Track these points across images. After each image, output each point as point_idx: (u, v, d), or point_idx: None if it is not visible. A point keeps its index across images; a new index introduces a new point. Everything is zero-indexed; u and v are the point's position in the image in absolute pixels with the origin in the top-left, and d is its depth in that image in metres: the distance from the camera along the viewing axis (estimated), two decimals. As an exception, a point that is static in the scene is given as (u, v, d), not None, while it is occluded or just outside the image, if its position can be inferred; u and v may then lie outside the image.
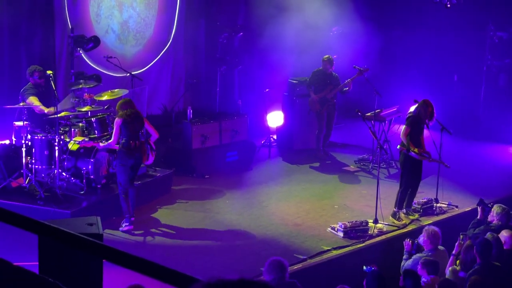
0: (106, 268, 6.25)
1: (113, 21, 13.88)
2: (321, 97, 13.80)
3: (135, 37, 14.33)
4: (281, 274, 7.19)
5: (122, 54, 13.77)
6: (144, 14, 14.42)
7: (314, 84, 13.89)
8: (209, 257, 9.40)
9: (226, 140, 13.26)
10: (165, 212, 10.95)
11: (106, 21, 13.74)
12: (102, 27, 13.64)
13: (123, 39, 14.14)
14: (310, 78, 14.03)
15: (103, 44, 12.94)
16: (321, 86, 13.83)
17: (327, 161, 13.87)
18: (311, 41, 14.77)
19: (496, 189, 12.36)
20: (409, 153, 10.50)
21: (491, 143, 15.28)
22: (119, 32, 14.05)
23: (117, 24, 13.99)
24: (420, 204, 11.04)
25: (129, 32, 14.21)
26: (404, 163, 10.68)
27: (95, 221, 6.72)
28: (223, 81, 15.18)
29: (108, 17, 13.76)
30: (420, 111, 10.52)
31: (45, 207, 9.91)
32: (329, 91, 13.79)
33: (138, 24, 14.35)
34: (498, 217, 9.38)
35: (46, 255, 6.05)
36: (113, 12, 13.88)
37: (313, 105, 13.87)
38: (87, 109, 10.91)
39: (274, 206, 11.32)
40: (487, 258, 8.01)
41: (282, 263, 7.26)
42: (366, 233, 10.12)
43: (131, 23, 14.20)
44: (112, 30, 13.91)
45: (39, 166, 10.30)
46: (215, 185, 12.25)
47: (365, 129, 10.93)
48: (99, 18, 13.58)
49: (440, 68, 17.04)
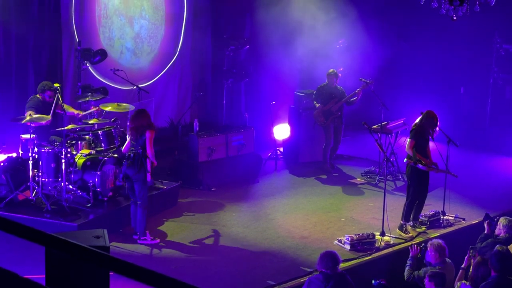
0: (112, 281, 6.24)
1: (125, 39, 14.02)
2: (326, 109, 13.80)
3: (149, 43, 14.46)
4: (333, 265, 7.88)
5: (139, 68, 13.99)
6: (154, 18, 14.49)
7: (319, 99, 13.89)
8: (215, 269, 9.38)
9: (232, 153, 13.27)
10: (171, 225, 10.94)
11: (120, 42, 13.88)
12: (116, 49, 13.81)
13: (138, 52, 14.28)
14: (316, 94, 14.03)
15: (119, 65, 13.05)
16: (326, 100, 13.84)
17: (334, 174, 13.85)
18: (317, 54, 14.80)
19: (502, 201, 12.33)
20: (416, 165, 10.49)
21: (497, 156, 15.25)
22: (134, 47, 14.19)
23: (130, 40, 14.12)
24: (427, 217, 11.01)
25: (143, 42, 14.35)
26: (411, 176, 10.67)
27: (101, 234, 6.72)
28: (230, 94, 15.21)
29: (120, 37, 13.89)
30: (424, 122, 10.52)
31: (52, 219, 9.91)
32: (334, 104, 13.80)
33: (150, 30, 14.49)
34: (505, 229, 9.34)
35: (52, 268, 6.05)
36: (125, 30, 13.99)
37: (317, 118, 13.88)
38: (93, 121, 10.94)
39: (281, 219, 11.30)
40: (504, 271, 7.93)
41: (335, 255, 8.00)
42: (373, 245, 10.10)
43: (143, 33, 14.33)
44: (127, 48, 14.06)
45: (45, 179, 10.31)
46: (221, 198, 12.24)
47: (372, 141, 10.93)
48: (112, 42, 13.72)
49: (447, 80, 17.05)
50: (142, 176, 9.94)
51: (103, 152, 10.82)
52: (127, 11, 13.98)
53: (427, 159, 10.54)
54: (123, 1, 13.86)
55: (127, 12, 13.98)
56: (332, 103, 13.81)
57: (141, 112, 10.07)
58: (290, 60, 14.91)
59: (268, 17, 14.86)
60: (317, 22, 14.84)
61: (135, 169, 9.89)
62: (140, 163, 9.89)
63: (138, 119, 9.95)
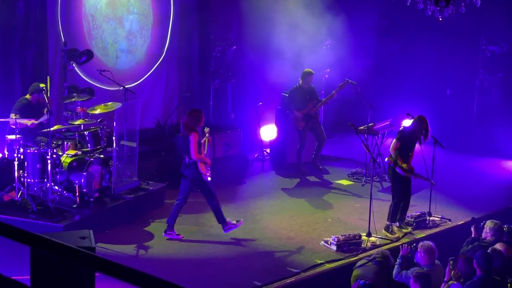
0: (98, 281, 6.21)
1: (119, 42, 14.02)
2: (305, 113, 13.75)
3: (141, 35, 14.47)
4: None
5: (138, 61, 14.19)
6: (142, 9, 14.49)
7: (294, 102, 13.81)
8: (202, 270, 9.37)
9: (219, 154, 13.26)
10: (158, 225, 10.91)
11: (113, 47, 13.93)
12: (111, 55, 13.87)
13: (132, 49, 14.33)
14: (289, 97, 13.87)
15: (117, 70, 13.07)
16: (303, 103, 13.79)
17: (324, 175, 13.84)
18: (304, 55, 14.81)
19: (488, 202, 12.37)
20: (395, 167, 10.52)
21: (483, 157, 15.31)
22: (128, 46, 14.20)
23: (123, 41, 14.13)
24: (413, 217, 11.04)
25: (135, 36, 14.39)
26: (394, 177, 10.70)
27: (87, 235, 6.70)
28: (216, 95, 15.20)
29: (114, 42, 13.93)
30: (414, 126, 10.53)
31: (38, 220, 9.85)
32: (312, 107, 13.77)
33: (140, 22, 14.47)
34: (491, 232, 9.37)
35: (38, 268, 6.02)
36: (117, 33, 13.99)
37: (297, 122, 13.77)
38: (80, 122, 10.89)
39: (267, 220, 11.30)
40: (488, 271, 7.97)
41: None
42: (359, 246, 10.11)
43: (134, 27, 14.33)
44: (121, 51, 14.09)
45: (31, 179, 10.25)
46: (208, 199, 12.22)
47: (358, 142, 10.94)
48: (106, 51, 13.75)
49: (433, 82, 17.11)
50: (196, 176, 10.14)
51: (89, 153, 10.78)
52: (115, 12, 13.92)
53: (406, 164, 10.55)
54: (109, 4, 13.79)
55: (115, 14, 13.93)
56: (310, 106, 13.76)
57: (190, 113, 10.28)
58: (277, 61, 14.90)
59: (255, 18, 14.86)
60: (304, 23, 14.84)
61: (186, 171, 10.21)
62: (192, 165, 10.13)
63: (186, 118, 10.22)
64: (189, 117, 10.13)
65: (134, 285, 2.38)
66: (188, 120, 10.12)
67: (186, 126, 10.11)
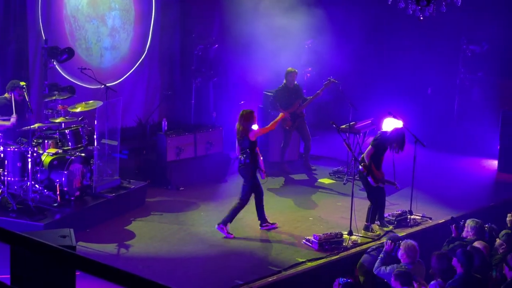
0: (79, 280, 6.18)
1: (102, 40, 13.97)
2: (291, 112, 13.75)
3: (124, 29, 14.39)
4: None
5: (122, 57, 14.17)
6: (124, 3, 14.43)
7: (280, 101, 13.80)
8: (183, 269, 9.36)
9: (201, 152, 13.24)
10: (139, 224, 10.88)
11: (97, 46, 13.88)
12: (95, 55, 13.82)
13: (116, 44, 14.29)
14: (275, 98, 13.87)
15: (102, 69, 12.99)
16: (289, 102, 13.79)
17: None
18: (286, 54, 14.80)
19: (469, 201, 12.44)
20: (367, 176, 10.54)
21: (464, 156, 15.38)
22: (111, 43, 14.15)
23: (107, 38, 14.07)
24: (394, 216, 11.07)
25: (119, 31, 14.34)
26: (367, 184, 10.72)
27: (68, 234, 6.67)
28: (198, 93, 15.16)
29: (97, 41, 13.88)
30: (391, 136, 10.55)
31: (18, 219, 9.80)
32: (298, 106, 13.78)
33: (122, 17, 14.43)
34: (473, 231, 9.43)
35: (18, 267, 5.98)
36: (100, 31, 13.93)
37: (284, 122, 13.76)
38: (60, 120, 10.84)
39: (249, 219, 11.29)
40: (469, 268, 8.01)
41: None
42: (340, 245, 10.13)
43: (116, 23, 14.28)
44: (105, 49, 14.05)
45: (11, 178, 10.19)
46: (189, 197, 12.21)
47: (340, 141, 10.96)
48: (90, 51, 13.70)
49: (414, 81, 17.16)
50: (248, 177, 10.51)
51: (70, 151, 10.73)
52: (97, 11, 13.85)
53: (378, 171, 10.58)
54: (91, 3, 13.71)
55: (97, 12, 13.85)
56: (296, 105, 13.77)
57: (241, 115, 10.52)
58: (259, 60, 14.89)
59: (237, 16, 14.83)
60: (285, 22, 14.83)
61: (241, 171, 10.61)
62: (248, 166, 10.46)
63: (238, 121, 10.49)
64: (243, 119, 10.43)
65: (115, 284, 2.37)
66: (243, 123, 10.41)
67: (243, 130, 10.39)
